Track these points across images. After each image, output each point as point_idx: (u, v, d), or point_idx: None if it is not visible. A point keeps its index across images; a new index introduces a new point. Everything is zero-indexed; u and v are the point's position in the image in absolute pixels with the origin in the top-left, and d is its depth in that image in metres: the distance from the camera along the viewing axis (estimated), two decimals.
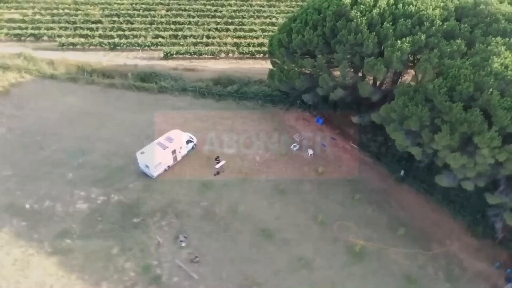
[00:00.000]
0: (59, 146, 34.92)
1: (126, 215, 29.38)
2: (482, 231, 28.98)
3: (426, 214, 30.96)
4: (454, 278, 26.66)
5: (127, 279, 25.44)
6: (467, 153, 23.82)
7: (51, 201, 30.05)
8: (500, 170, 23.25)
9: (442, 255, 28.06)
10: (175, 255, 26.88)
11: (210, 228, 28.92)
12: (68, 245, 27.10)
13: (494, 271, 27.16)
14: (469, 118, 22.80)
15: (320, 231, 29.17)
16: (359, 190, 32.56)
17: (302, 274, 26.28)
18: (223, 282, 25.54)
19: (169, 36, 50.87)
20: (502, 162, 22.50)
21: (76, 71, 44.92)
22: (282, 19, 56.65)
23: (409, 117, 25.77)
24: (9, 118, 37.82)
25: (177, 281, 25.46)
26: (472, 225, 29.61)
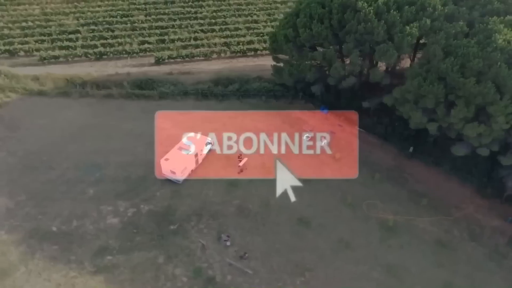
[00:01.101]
0: (71, 163, 33.41)
1: (161, 224, 28.99)
2: (491, 192, 32.29)
3: (439, 184, 33.72)
4: (476, 236, 29.52)
5: (181, 285, 25.29)
6: (481, 122, 26.52)
7: (78, 220, 28.85)
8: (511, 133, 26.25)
9: (462, 218, 30.87)
10: (222, 255, 27.11)
11: (248, 225, 29.40)
12: (110, 261, 26.31)
13: (507, 226, 30.42)
14: (482, 90, 25.44)
15: (351, 212, 30.77)
16: (376, 169, 34.60)
17: (346, 254, 27.69)
18: (276, 273, 26.23)
19: (156, 41, 49.90)
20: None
21: (65, 85, 42.84)
22: (263, 16, 58.10)
23: (425, 96, 28.06)
24: (6, 141, 35.46)
25: (231, 279, 25.77)
26: (481, 188, 32.82)
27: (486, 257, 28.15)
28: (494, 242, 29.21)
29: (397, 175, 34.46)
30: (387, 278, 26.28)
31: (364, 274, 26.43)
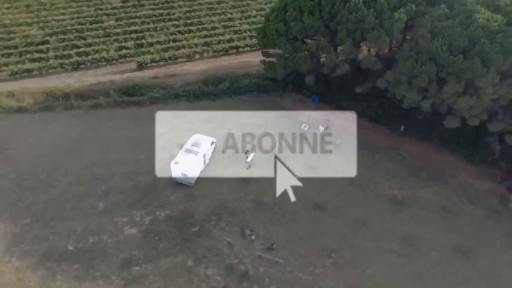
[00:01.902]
0: (72, 179, 31.88)
1: (182, 227, 28.70)
2: (478, 159, 35.46)
3: (432, 157, 36.34)
4: (473, 199, 32.35)
5: (216, 284, 25.37)
6: (470, 95, 29.11)
7: (94, 235, 27.77)
8: (498, 102, 29.08)
9: (457, 185, 33.64)
10: (250, 249, 27.49)
11: (268, 217, 29.95)
12: (139, 271, 25.71)
13: (497, 186, 33.63)
14: (471, 66, 27.95)
15: (360, 193, 32.36)
16: (374, 150, 36.56)
17: (364, 232, 29.19)
18: (305, 258, 27.11)
19: (134, 45, 48.43)
20: (500, 95, 28.23)
21: (46, 99, 40.42)
22: (237, 14, 58.37)
23: (418, 76, 30.21)
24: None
25: (264, 270, 26.26)
26: (469, 157, 35.89)
27: (485, 216, 31.04)
28: (489, 203, 32.25)
29: (394, 154, 36.66)
30: (406, 248, 28.17)
31: (384, 248, 28.12)
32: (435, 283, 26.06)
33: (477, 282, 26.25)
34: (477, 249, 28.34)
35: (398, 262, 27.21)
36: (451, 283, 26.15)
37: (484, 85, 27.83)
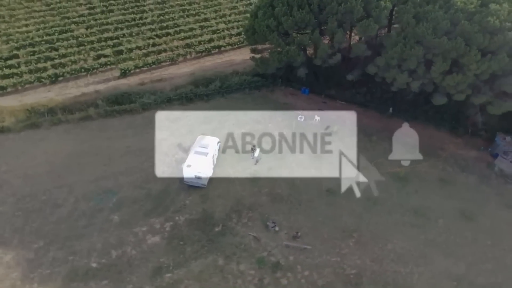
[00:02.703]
0: (78, 195, 30.53)
1: (205, 229, 28.66)
2: (462, 131, 38.74)
3: (421, 133, 38.54)
4: (464, 168, 35.36)
5: (251, 278, 25.75)
6: (457, 72, 31.81)
7: (117, 249, 26.93)
8: (480, 77, 32.03)
9: (448, 156, 36.57)
10: (276, 240, 28.13)
11: (286, 207, 30.72)
12: (171, 278, 25.42)
13: (482, 153, 37.03)
14: (455, 46, 30.55)
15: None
16: (369, 133, 38.57)
17: (378, 209, 30.88)
18: (330, 240, 28.25)
19: (113, 53, 46.77)
20: (482, 71, 31.14)
21: (29, 116, 38.02)
22: (211, 14, 58.26)
23: (407, 59, 32.44)
24: None
25: (294, 258, 27.03)
26: (453, 130, 39.11)
27: (477, 182, 34.10)
28: (478, 169, 35.43)
29: (386, 134, 38.80)
30: (417, 218, 30.30)
31: (398, 221, 30.05)
32: (449, 247, 28.39)
33: (483, 241, 28.95)
34: (477, 211, 31.20)
35: (413, 232, 29.28)
36: (462, 244, 28.63)
37: (468, 62, 30.60)
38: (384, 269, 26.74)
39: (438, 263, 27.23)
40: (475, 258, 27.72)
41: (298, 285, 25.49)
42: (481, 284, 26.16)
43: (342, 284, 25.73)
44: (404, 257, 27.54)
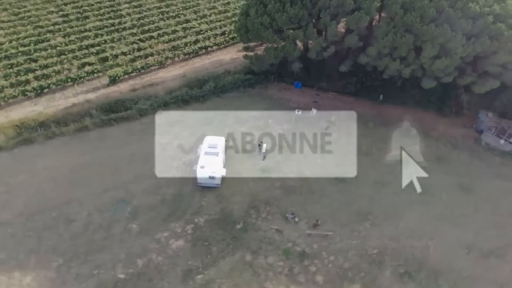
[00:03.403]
0: (90, 208, 29.66)
1: (226, 227, 28.90)
2: (448, 111, 41.46)
3: (412, 117, 41.35)
4: (456, 144, 37.97)
5: (281, 269, 26.39)
6: (444, 56, 34.05)
7: (142, 257, 26.57)
8: (464, 60, 34.49)
9: (440, 136, 39.00)
10: (298, 230, 28.93)
11: (301, 198, 31.56)
12: (203, 278, 25.54)
13: (468, 130, 39.89)
14: (442, 32, 32.70)
15: (369, 159, 35.57)
16: (365, 120, 40.29)
17: (386, 191, 32.43)
18: (348, 224, 29.47)
19: (97, 60, 45.26)
20: (468, 53, 33.59)
21: (19, 132, 36.14)
22: (191, 15, 57.80)
23: (398, 47, 34.29)
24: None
25: (318, 245, 27.97)
26: (440, 111, 41.76)
27: (469, 157, 36.77)
28: (467, 145, 38.16)
29: (380, 120, 40.77)
30: (423, 196, 32.21)
31: (407, 200, 31.80)
32: (455, 218, 30.54)
33: (484, 210, 31.38)
34: (474, 183, 33.67)
35: (422, 209, 31.16)
36: (466, 215, 30.87)
37: (455, 46, 32.90)
38: (402, 245, 28.36)
39: (449, 234, 29.26)
40: (480, 226, 30.06)
41: (326, 270, 26.49)
42: (488, 249, 28.46)
43: (367, 264, 27.03)
44: (418, 232, 29.34)
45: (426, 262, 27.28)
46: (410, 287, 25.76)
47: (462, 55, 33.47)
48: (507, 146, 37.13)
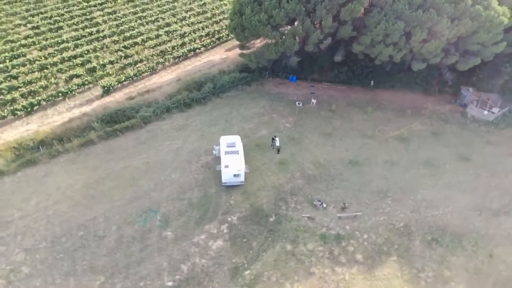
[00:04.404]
0: (118, 222, 28.85)
1: (260, 222, 29.44)
2: (433, 90, 44.87)
3: (402, 98, 44.30)
4: (446, 119, 41.36)
5: (322, 254, 27.46)
6: (433, 39, 36.89)
7: (185, 262, 26.42)
8: (449, 41, 37.62)
9: (430, 113, 42.25)
10: (329, 215, 30.18)
11: (322, 185, 32.82)
12: (251, 273, 25.95)
13: (454, 106, 43.55)
14: (429, 17, 35.45)
15: (374, 141, 37.79)
16: (361, 106, 42.59)
17: (396, 169, 34.72)
18: (372, 204, 31.20)
19: (85, 71, 43.32)
20: (453, 35, 36.68)
21: (19, 154, 33.91)
22: (170, 18, 56.94)
23: (391, 34, 36.62)
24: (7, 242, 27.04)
25: (350, 227, 29.40)
26: (426, 91, 45.11)
27: (459, 129, 40.22)
28: (456, 119, 41.70)
29: (376, 104, 43.28)
30: (430, 169, 34.87)
31: (417, 174, 34.24)
32: (462, 185, 33.41)
33: (484, 174, 34.62)
34: (470, 152, 37.02)
35: (432, 180, 33.76)
36: (470, 181, 33.89)
37: (441, 29, 35.81)
38: (423, 216, 30.65)
39: (460, 200, 32.05)
40: (484, 189, 33.21)
41: (363, 248, 28.02)
42: (496, 208, 31.60)
43: (397, 237, 28.93)
44: (434, 202, 31.81)
45: (448, 227, 29.79)
46: (439, 251, 28.06)
47: (448, 37, 36.49)
48: (490, 116, 41.13)
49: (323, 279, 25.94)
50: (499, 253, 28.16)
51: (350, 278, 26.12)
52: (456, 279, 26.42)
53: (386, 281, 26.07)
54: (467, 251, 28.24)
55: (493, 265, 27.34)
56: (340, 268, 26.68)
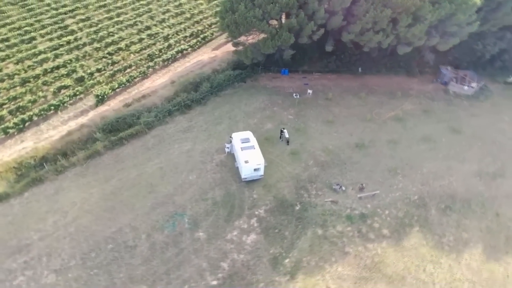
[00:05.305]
0: (146, 230, 28.30)
1: (287, 212, 30.17)
2: (416, 71, 47.92)
3: (389, 82, 46.92)
4: (432, 97, 44.51)
5: (352, 233, 28.80)
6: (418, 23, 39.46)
7: (224, 260, 26.60)
8: (431, 24, 40.42)
9: (417, 93, 45.14)
10: (350, 197, 31.56)
11: (336, 169, 34.15)
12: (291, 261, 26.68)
13: (436, 84, 46.87)
14: (413, 3, 37.88)
15: (373, 123, 39.80)
16: (354, 92, 44.53)
17: (399, 148, 36.91)
18: (385, 181, 33.09)
19: (74, 81, 41.29)
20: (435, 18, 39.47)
21: (21, 174, 31.88)
22: (149, 21, 55.58)
23: (379, 21, 38.69)
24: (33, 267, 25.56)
25: (371, 204, 31.02)
26: (409, 73, 48.06)
27: (445, 105, 43.46)
28: (440, 96, 45.01)
29: (367, 90, 45.47)
30: (429, 144, 37.50)
31: (419, 150, 36.69)
32: (458, 155, 36.40)
33: (475, 144, 37.90)
34: (459, 125, 40.23)
35: (433, 154, 36.36)
36: (465, 150, 37.03)
37: (425, 13, 38.45)
38: (432, 187, 33.01)
39: (460, 169, 34.88)
40: (478, 157, 36.40)
41: (387, 223, 29.75)
42: (492, 171, 34.82)
43: (414, 208, 30.99)
44: (438, 173, 34.35)
45: (456, 195, 32.39)
46: (454, 217, 30.50)
47: (431, 20, 39.23)
48: (470, 91, 44.83)
49: (358, 257, 27.32)
50: (504, 211, 31.21)
51: (382, 252, 27.75)
52: (473, 239, 28.97)
53: (414, 250, 27.99)
54: (477, 213, 30.98)
55: (501, 223, 30.27)
56: (371, 244, 28.21)
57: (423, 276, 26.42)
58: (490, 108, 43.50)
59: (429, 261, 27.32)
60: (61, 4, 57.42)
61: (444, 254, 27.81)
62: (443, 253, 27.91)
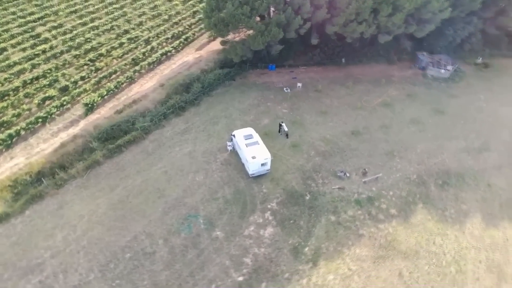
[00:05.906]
0: (161, 235, 27.95)
1: (298, 202, 30.83)
2: (392, 60, 50.24)
3: (372, 70, 48.88)
4: (413, 82, 46.92)
5: (363, 217, 29.95)
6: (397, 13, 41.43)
7: (246, 255, 26.82)
8: (408, 12, 42.60)
9: (399, 79, 47.39)
10: (355, 183, 32.74)
11: (338, 157, 35.26)
12: (310, 249, 27.37)
13: (414, 70, 49.37)
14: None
15: (364, 111, 41.40)
16: (341, 82, 46.01)
17: (392, 132, 38.64)
18: (384, 164, 34.60)
19: (58, 91, 39.44)
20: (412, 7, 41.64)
21: (18, 192, 30.20)
22: (126, 24, 54.16)
23: (362, 12, 40.26)
24: (56, 286, 24.44)
25: (376, 188, 32.36)
26: (389, 61, 50.31)
27: (426, 88, 46.00)
28: (419, 80, 47.53)
29: (351, 79, 47.05)
30: (417, 125, 39.60)
31: (410, 132, 38.66)
32: (445, 133, 38.73)
33: (458, 122, 40.50)
34: (442, 106, 42.79)
35: (423, 135, 38.44)
36: (450, 129, 39.41)
37: (403, 3, 40.50)
38: (428, 166, 34.99)
39: (450, 147, 37.20)
40: (463, 134, 38.97)
41: (393, 203, 31.24)
42: (477, 147, 37.43)
43: (415, 187, 32.75)
44: (431, 152, 36.43)
45: (450, 170, 34.56)
46: (452, 191, 32.58)
47: (409, 8, 41.36)
48: (446, 73, 47.70)
49: (372, 237, 28.54)
50: (494, 181, 33.73)
51: (393, 230, 29.15)
52: (472, 210, 31.14)
53: (422, 226, 29.65)
54: (471, 186, 33.28)
55: (494, 192, 32.73)
56: (382, 224, 29.55)
57: (434, 248, 28.12)
58: (466, 88, 46.60)
59: (437, 234, 29.10)
60: (28, 12, 54.60)
61: (449, 226, 29.73)
62: (447, 225, 29.81)
